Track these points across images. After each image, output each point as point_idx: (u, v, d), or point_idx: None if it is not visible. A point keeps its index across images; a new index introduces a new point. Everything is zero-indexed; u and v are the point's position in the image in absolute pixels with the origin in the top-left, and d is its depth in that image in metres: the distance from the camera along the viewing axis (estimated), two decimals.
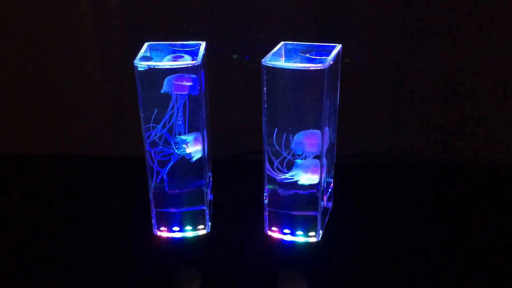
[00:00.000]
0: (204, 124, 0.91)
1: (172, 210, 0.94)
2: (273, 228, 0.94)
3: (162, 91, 0.86)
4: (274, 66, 0.83)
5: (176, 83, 0.86)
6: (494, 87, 1.18)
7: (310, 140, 0.86)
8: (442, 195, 1.10)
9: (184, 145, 0.89)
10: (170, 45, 0.93)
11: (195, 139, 0.90)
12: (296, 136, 0.86)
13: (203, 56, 0.88)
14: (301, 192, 0.90)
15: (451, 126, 1.22)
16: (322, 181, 0.90)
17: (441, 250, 0.91)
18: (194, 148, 0.90)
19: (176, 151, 0.90)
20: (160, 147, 0.89)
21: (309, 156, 0.87)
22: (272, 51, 0.89)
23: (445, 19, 1.13)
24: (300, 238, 0.93)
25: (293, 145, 0.86)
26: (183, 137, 0.89)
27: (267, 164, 0.90)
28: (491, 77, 1.17)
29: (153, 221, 0.94)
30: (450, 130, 1.22)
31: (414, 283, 0.84)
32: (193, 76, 0.86)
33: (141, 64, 0.84)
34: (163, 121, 0.88)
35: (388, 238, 0.95)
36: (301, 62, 0.90)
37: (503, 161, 1.23)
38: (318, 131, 0.85)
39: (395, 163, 1.26)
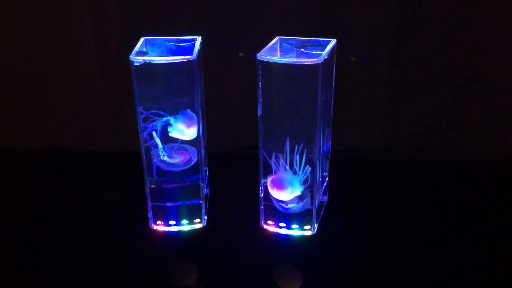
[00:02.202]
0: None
1: (168, 204, 0.94)
2: (269, 222, 0.95)
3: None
4: (269, 60, 0.83)
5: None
6: (492, 82, 1.18)
7: None
8: (439, 190, 1.11)
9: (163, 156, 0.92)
10: (166, 39, 0.93)
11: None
12: None
13: (199, 51, 0.89)
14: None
15: (448, 121, 1.22)
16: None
17: (437, 246, 0.92)
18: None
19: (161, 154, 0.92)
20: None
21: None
22: (268, 45, 0.89)
23: (441, 14, 1.13)
24: (295, 231, 0.93)
25: None
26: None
27: (262, 159, 0.91)
28: (489, 73, 1.17)
29: (149, 215, 0.95)
30: (447, 125, 1.23)
31: (409, 276, 0.85)
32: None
33: (136, 59, 0.84)
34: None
35: (384, 232, 0.96)
36: (296, 57, 0.90)
37: (501, 156, 1.24)
38: None
39: (391, 158, 1.26)
